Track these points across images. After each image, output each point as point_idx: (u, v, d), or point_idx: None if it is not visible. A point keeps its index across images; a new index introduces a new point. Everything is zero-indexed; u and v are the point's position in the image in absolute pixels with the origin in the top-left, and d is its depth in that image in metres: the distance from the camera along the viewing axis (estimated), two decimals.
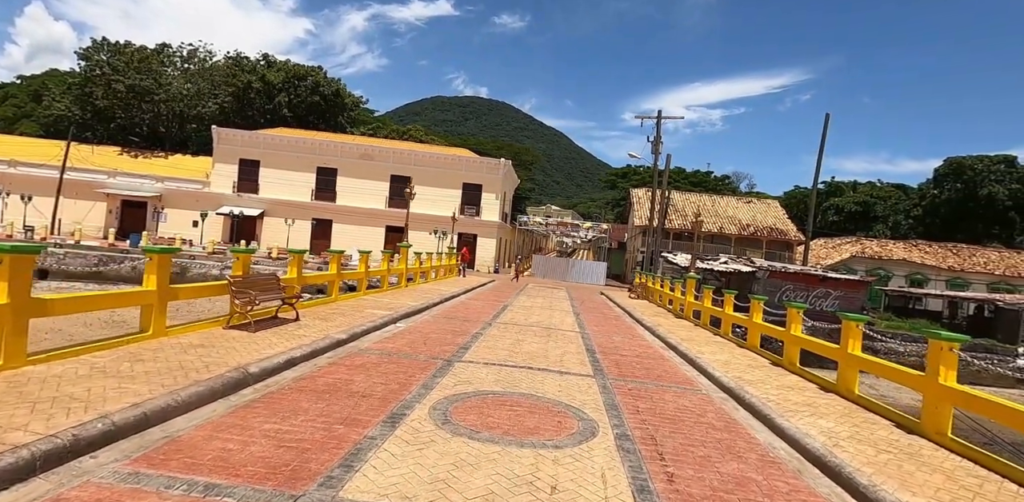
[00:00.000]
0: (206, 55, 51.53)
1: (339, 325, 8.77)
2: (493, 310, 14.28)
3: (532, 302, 17.94)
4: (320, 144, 41.25)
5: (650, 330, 13.23)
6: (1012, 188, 62.02)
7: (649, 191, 55.08)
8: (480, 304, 15.51)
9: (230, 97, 48.10)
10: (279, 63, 52.38)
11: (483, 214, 41.46)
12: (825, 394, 7.37)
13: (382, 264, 15.17)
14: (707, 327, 13.97)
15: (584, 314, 15.74)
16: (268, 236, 39.77)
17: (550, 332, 11.24)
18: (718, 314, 13.25)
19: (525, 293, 21.62)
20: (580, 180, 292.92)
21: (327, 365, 6.60)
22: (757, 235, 48.23)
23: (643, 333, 12.99)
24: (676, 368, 8.87)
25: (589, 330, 12.29)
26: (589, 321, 14.11)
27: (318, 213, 40.28)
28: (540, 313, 14.71)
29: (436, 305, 13.97)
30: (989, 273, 46.04)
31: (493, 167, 42.25)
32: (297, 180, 40.54)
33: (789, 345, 9.12)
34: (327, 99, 50.90)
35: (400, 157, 41.82)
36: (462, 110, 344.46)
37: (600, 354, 9.26)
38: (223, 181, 40.02)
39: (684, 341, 11.22)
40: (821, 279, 25.97)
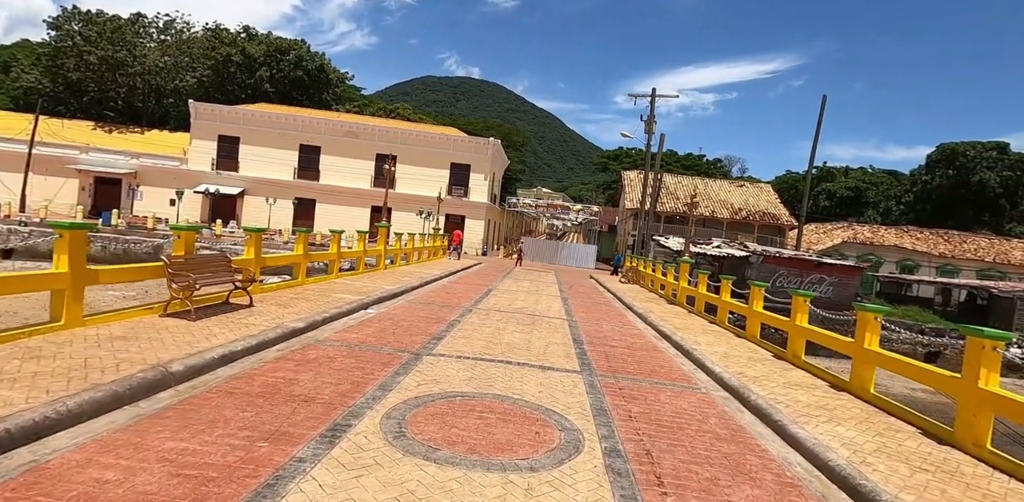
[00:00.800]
0: (183, 26, 49.36)
1: (298, 312, 7.86)
2: (476, 295, 13.43)
3: (518, 286, 17.12)
4: (303, 121, 39.79)
5: (642, 317, 12.46)
6: (1003, 175, 61.79)
7: (642, 173, 54.13)
8: (463, 288, 14.65)
9: (209, 71, 46.20)
10: (260, 36, 50.37)
11: (471, 195, 40.41)
12: (838, 393, 6.62)
13: (357, 245, 14.22)
14: (702, 314, 13.22)
15: (572, 299, 14.94)
16: (249, 216, 38.50)
17: (535, 319, 10.41)
18: (714, 301, 12.49)
19: (512, 276, 20.78)
20: (572, 163, 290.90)
21: (273, 360, 5.71)
22: (749, 219, 47.67)
23: (634, 320, 12.22)
24: (671, 361, 8.08)
25: (577, 317, 11.48)
26: (577, 307, 13.30)
27: (301, 192, 39.02)
28: (526, 298, 13.88)
29: (415, 289, 13.09)
30: (979, 260, 45.93)
31: (482, 147, 41.05)
32: (279, 158, 39.17)
33: (794, 337, 8.35)
34: (311, 74, 49.11)
35: (386, 135, 40.48)
36: (453, 90, 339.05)
37: (588, 345, 8.44)
38: (202, 158, 38.55)
39: (678, 330, 10.45)
40: (816, 264, 25.38)
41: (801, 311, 8.36)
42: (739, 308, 10.82)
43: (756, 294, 10.11)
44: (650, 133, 25.56)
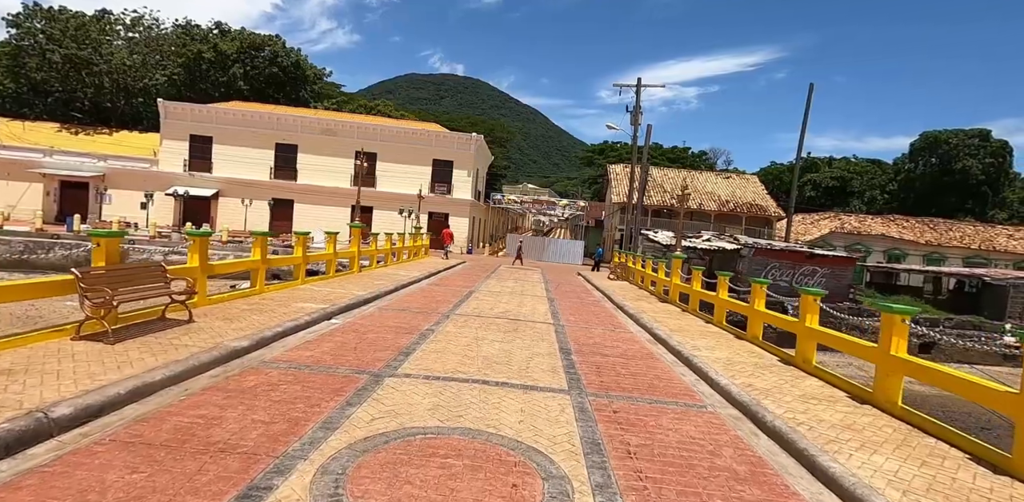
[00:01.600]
0: (152, 23, 47.64)
1: (245, 328, 6.89)
2: (456, 298, 12.51)
3: (502, 286, 16.22)
4: (278, 118, 38.51)
5: (634, 318, 11.63)
6: (985, 162, 61.98)
7: (628, 167, 53.38)
8: (442, 291, 13.72)
9: (180, 69, 44.61)
10: (234, 32, 48.80)
11: (455, 192, 39.41)
12: (861, 407, 5.80)
13: (328, 247, 13.22)
14: (697, 313, 12.42)
15: (559, 300, 14.08)
16: (224, 218, 37.19)
17: (518, 325, 9.52)
18: (710, 299, 11.69)
19: (496, 276, 19.88)
20: (557, 159, 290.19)
21: (200, 391, 4.76)
22: (737, 211, 47.18)
23: (626, 322, 11.38)
24: (670, 371, 7.23)
25: (564, 320, 10.62)
26: (565, 309, 12.44)
27: (278, 192, 37.78)
28: (509, 300, 12.99)
29: (389, 293, 12.14)
30: (966, 247, 45.90)
31: (465, 142, 40.05)
32: (254, 157, 37.88)
33: (804, 340, 7.55)
34: (286, 71, 47.67)
35: (365, 132, 39.34)
36: (436, 88, 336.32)
37: (577, 355, 7.57)
38: (173, 159, 37.15)
39: (675, 333, 9.63)
40: (808, 256, 24.78)
41: (811, 311, 7.56)
42: (739, 307, 10.02)
43: (758, 292, 9.31)
44: (636, 125, 24.72)
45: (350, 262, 14.78)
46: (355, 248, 14.77)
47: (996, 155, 61.57)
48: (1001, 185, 63.97)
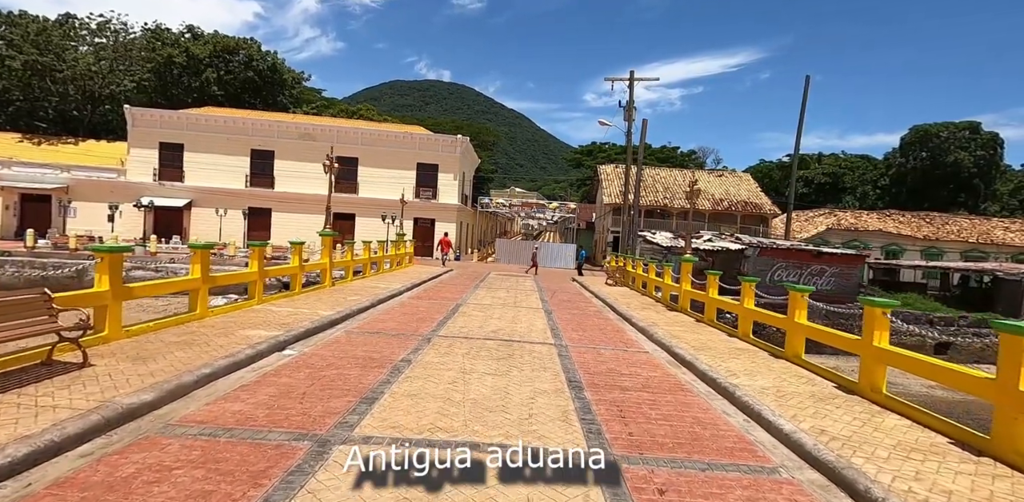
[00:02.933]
0: (121, 28, 45.66)
1: (159, 371, 5.26)
2: (440, 314, 10.90)
3: (493, 297, 14.64)
4: (253, 124, 36.75)
5: (645, 333, 10.10)
6: (977, 155, 61.49)
7: (618, 167, 52.08)
8: (425, 305, 12.11)
9: (150, 74, 42.69)
10: (207, 36, 46.96)
11: (440, 196, 37.82)
12: (981, 460, 4.29)
13: (292, 258, 11.57)
14: (715, 324, 10.92)
15: (557, 312, 12.52)
16: (197, 229, 35.31)
17: (514, 349, 7.94)
18: (731, 308, 10.21)
19: (486, 285, 18.28)
20: (544, 162, 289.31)
21: (51, 485, 3.14)
22: (731, 210, 46.05)
23: (637, 337, 9.86)
24: (709, 408, 5.69)
25: (567, 339, 9.06)
26: (565, 323, 10.88)
27: (254, 201, 35.99)
28: (501, 315, 11.41)
29: (363, 311, 10.52)
30: (963, 241, 45.16)
31: (449, 145, 38.50)
32: (228, 165, 36.05)
33: (871, 362, 6.04)
34: (262, 75, 45.90)
35: (345, 136, 37.68)
36: (422, 94, 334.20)
37: (590, 390, 6.01)
38: (142, 168, 35.24)
39: (699, 352, 8.11)
40: (815, 255, 23.48)
41: (880, 327, 6.06)
42: (774, 320, 8.51)
43: (798, 302, 7.80)
44: (630, 120, 23.28)
45: (321, 275, 13.14)
46: (326, 259, 13.12)
47: (987, 147, 61.10)
48: (993, 178, 63.52)
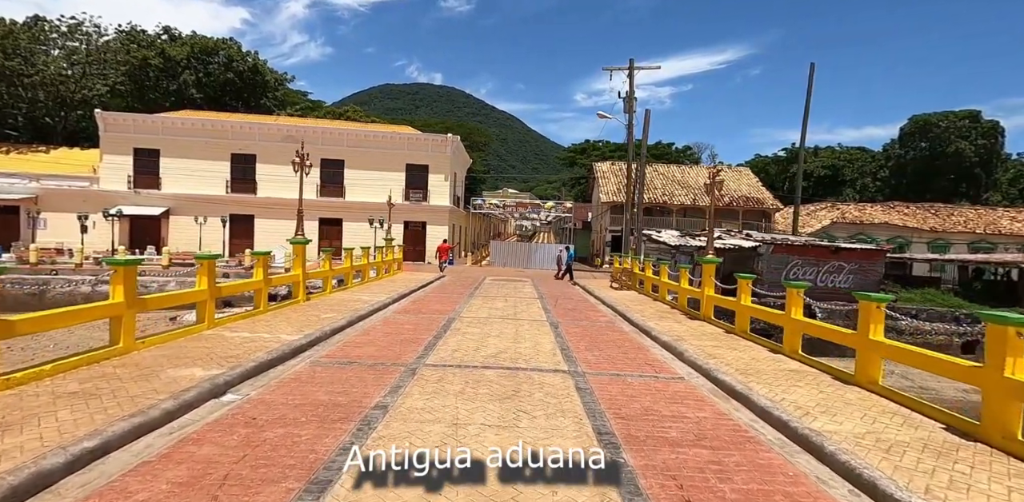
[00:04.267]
0: (94, 30, 43.80)
1: (5, 454, 3.65)
2: (429, 333, 9.30)
3: (490, 308, 13.04)
4: (233, 127, 35.05)
5: (671, 349, 8.54)
6: (978, 144, 60.35)
7: (615, 164, 50.56)
8: (412, 322, 10.49)
9: (124, 77, 40.86)
10: (184, 37, 45.16)
11: (431, 198, 36.21)
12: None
13: (255, 271, 9.92)
14: (750, 336, 9.37)
15: (565, 324, 10.94)
16: (176, 238, 33.59)
17: (519, 383, 6.34)
18: (775, 319, 8.65)
19: (482, 293, 16.67)
20: (535, 163, 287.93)
21: None
22: (732, 205, 44.62)
23: (661, 355, 8.30)
24: (797, 476, 4.12)
25: (583, 363, 7.48)
26: (576, 339, 9.30)
27: (236, 208, 34.28)
28: (501, 331, 9.82)
29: (337, 332, 8.90)
30: (970, 232, 43.93)
31: (440, 144, 36.91)
32: (207, 170, 34.35)
33: (1003, 398, 4.49)
34: (243, 77, 44.12)
35: (330, 138, 36.05)
36: (412, 97, 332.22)
37: (629, 448, 4.42)
38: (115, 175, 33.50)
39: (748, 378, 6.54)
40: (833, 251, 22.01)
41: (1018, 351, 4.51)
42: (840, 336, 6.91)
43: (873, 314, 6.22)
44: (631, 111, 21.73)
45: (293, 288, 11.50)
46: (298, 270, 11.48)
47: (988, 136, 60.00)
48: (994, 167, 62.43)
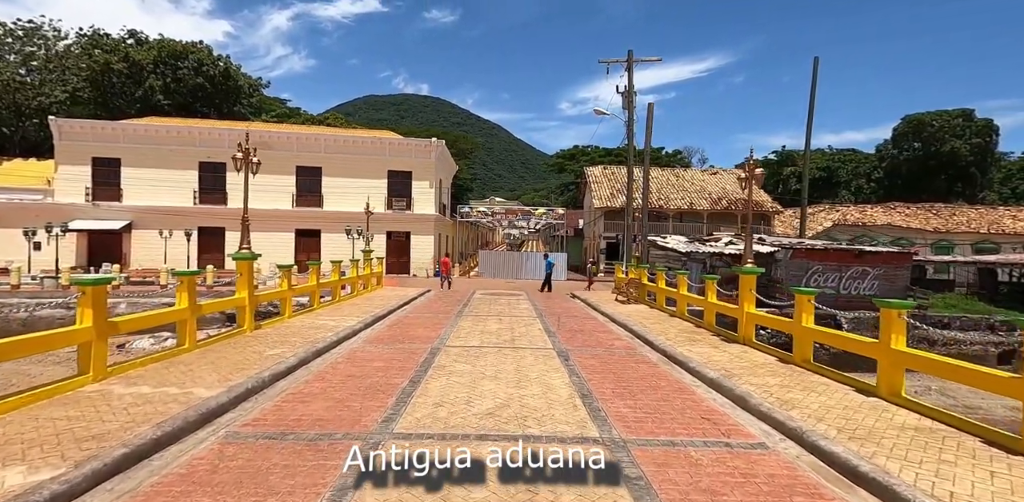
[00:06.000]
0: (54, 35, 41.30)
1: None
2: (403, 375, 7.07)
3: (483, 333, 10.83)
4: (201, 133, 32.67)
5: (725, 391, 6.41)
6: (972, 142, 59.40)
7: (607, 169, 48.67)
8: (384, 356, 8.26)
9: (85, 83, 38.35)
10: (151, 41, 42.78)
11: (415, 207, 33.98)
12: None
13: (178, 297, 7.63)
14: (814, 367, 7.25)
15: (577, 354, 8.76)
16: (140, 253, 31.07)
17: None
18: (869, 352, 6.54)
19: (471, 311, 14.45)
20: (521, 171, 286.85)
21: None
22: (731, 208, 42.88)
23: (714, 399, 6.17)
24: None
25: (615, 421, 5.31)
26: (598, 379, 7.13)
27: (205, 220, 31.82)
28: (498, 369, 7.61)
29: (282, 377, 6.65)
30: (974, 232, 42.53)
31: (423, 149, 34.77)
32: (174, 180, 31.92)
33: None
34: (214, 82, 41.75)
35: (307, 144, 33.81)
36: (397, 108, 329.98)
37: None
38: (72, 187, 30.94)
39: (865, 443, 4.42)
40: (856, 255, 20.07)
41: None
42: (992, 382, 4.81)
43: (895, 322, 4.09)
44: (631, 107, 19.70)
45: (238, 315, 9.24)
46: (243, 292, 9.22)
47: (982, 135, 59.10)
48: (989, 165, 61.53)
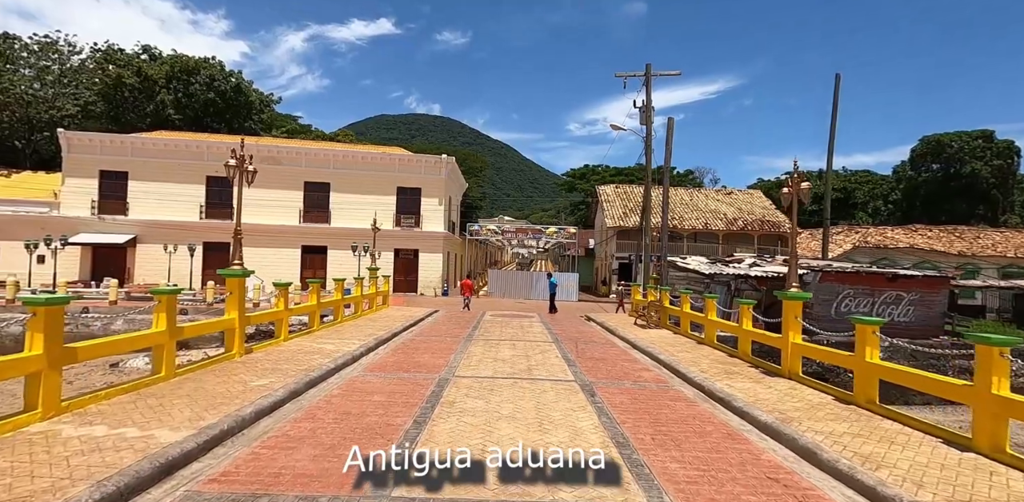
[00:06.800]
0: (69, 50, 41.56)
1: None
2: (406, 414, 6.09)
3: (495, 360, 9.83)
4: (209, 147, 32.26)
5: (789, 441, 5.36)
6: (993, 164, 58.13)
7: (619, 188, 47.96)
8: (385, 388, 7.28)
9: (97, 97, 38.34)
10: (165, 57, 42.95)
11: (424, 224, 33.24)
12: None
13: (155, 319, 6.73)
14: (885, 411, 6.19)
15: (604, 389, 7.73)
16: (144, 268, 30.49)
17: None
18: (941, 390, 5.50)
19: (481, 335, 13.44)
20: (530, 191, 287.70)
21: None
22: (747, 229, 41.80)
23: (776, 452, 5.13)
24: None
25: (665, 483, 4.28)
26: (632, 422, 6.09)
27: (211, 235, 31.19)
28: (516, 406, 6.61)
29: (265, 415, 5.69)
30: (1000, 255, 41.03)
31: (433, 166, 34.19)
32: (180, 194, 31.45)
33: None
34: (225, 97, 41.68)
35: (315, 159, 33.32)
36: (408, 127, 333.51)
37: None
38: (78, 200, 30.57)
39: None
40: (889, 279, 18.89)
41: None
42: None
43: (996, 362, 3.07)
44: (649, 122, 18.90)
45: (226, 339, 8.32)
46: (233, 313, 8.32)
47: (1003, 156, 57.85)
48: (1011, 188, 60.11)
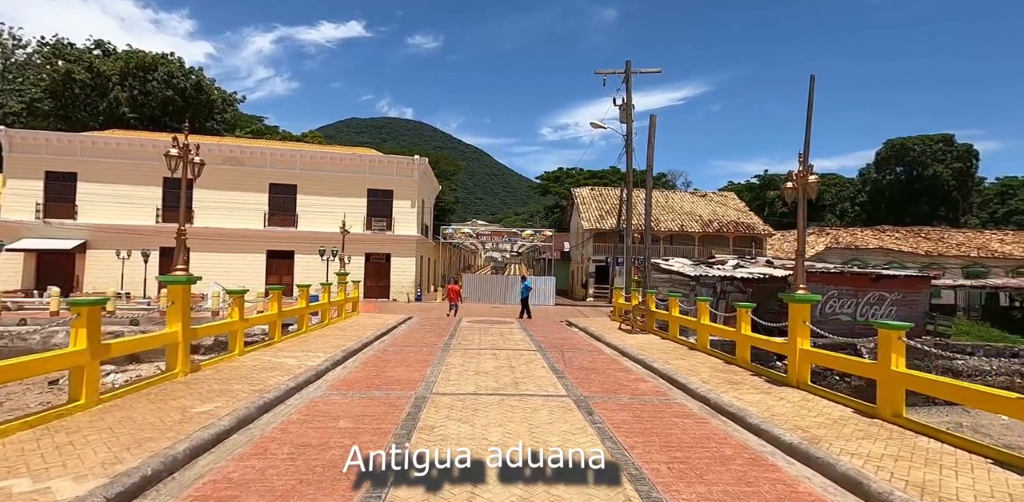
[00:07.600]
0: (14, 43, 39.15)
1: None
2: (381, 439, 5.13)
3: (476, 373, 8.91)
4: (165, 146, 30.48)
5: (826, 468, 4.60)
6: (954, 167, 59.84)
7: (594, 190, 47.55)
8: (353, 412, 6.30)
9: (44, 94, 36.11)
10: (119, 52, 40.79)
11: (396, 227, 32.09)
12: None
13: (73, 335, 5.60)
14: (911, 424, 5.50)
15: (600, 404, 6.89)
16: (93, 275, 28.59)
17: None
18: (987, 405, 4.83)
19: (459, 344, 12.48)
20: (503, 195, 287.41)
21: None
22: (722, 231, 41.78)
23: (810, 479, 4.36)
24: None
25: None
26: (641, 445, 5.27)
27: (168, 240, 29.16)
28: (504, 431, 5.71)
29: (200, 454, 4.68)
30: (964, 255, 42.04)
31: (406, 167, 33.11)
32: (135, 197, 29.66)
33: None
34: (185, 95, 39.76)
35: (281, 160, 31.87)
36: (379, 131, 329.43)
37: None
38: (21, 204, 28.52)
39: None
40: (873, 279, 18.69)
41: None
42: None
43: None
44: (629, 120, 18.28)
45: (168, 355, 7.22)
46: (176, 326, 7.23)
47: (963, 159, 59.62)
48: (970, 190, 61.97)
